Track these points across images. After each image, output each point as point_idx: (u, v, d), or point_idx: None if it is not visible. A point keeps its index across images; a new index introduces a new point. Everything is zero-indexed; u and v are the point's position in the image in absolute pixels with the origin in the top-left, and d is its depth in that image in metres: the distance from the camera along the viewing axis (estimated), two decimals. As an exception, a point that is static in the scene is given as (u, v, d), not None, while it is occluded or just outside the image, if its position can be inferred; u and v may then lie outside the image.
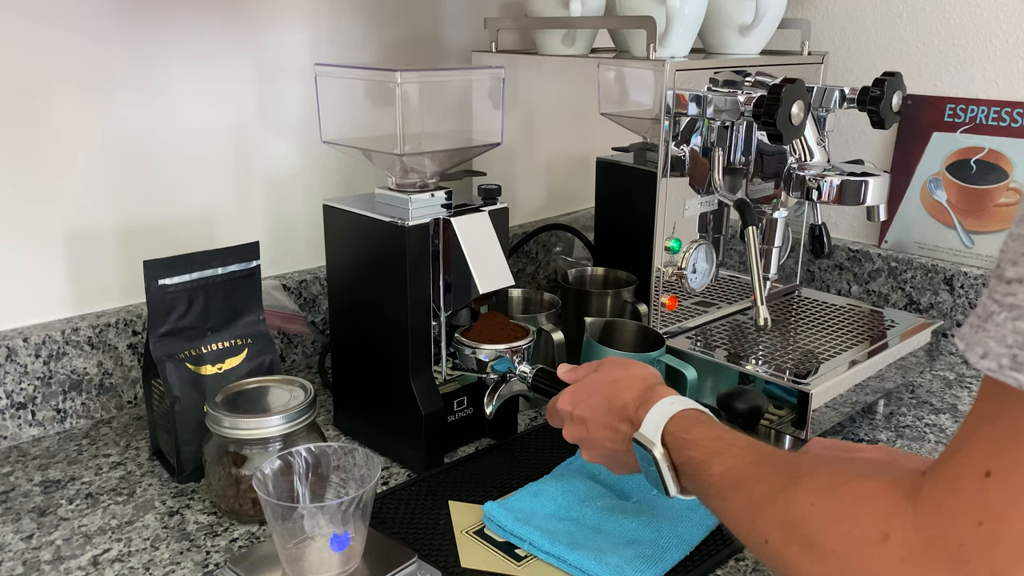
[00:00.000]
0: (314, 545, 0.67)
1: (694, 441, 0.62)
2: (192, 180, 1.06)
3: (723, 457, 0.59)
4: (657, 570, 0.70)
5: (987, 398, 0.42)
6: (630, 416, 0.68)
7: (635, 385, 0.70)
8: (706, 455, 0.60)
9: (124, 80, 0.98)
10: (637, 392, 0.69)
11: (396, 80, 0.82)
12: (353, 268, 0.91)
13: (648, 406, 0.67)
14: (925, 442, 0.96)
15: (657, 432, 0.64)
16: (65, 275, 0.99)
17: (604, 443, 0.71)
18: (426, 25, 1.25)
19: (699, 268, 1.03)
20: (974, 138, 1.26)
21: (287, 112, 1.13)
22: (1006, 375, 0.39)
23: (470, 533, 0.77)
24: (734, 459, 0.58)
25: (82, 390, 0.98)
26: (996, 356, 0.39)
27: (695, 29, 1.07)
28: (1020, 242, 0.40)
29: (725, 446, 0.60)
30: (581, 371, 0.78)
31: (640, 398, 0.68)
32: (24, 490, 0.85)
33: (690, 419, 0.64)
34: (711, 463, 0.59)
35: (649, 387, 0.70)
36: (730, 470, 0.58)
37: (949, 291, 1.27)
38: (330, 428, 0.98)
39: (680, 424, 0.64)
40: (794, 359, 0.97)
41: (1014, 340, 0.39)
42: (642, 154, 1.05)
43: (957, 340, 0.42)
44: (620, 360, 0.77)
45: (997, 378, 0.39)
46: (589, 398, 0.73)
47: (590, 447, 0.73)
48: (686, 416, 0.65)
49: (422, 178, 0.88)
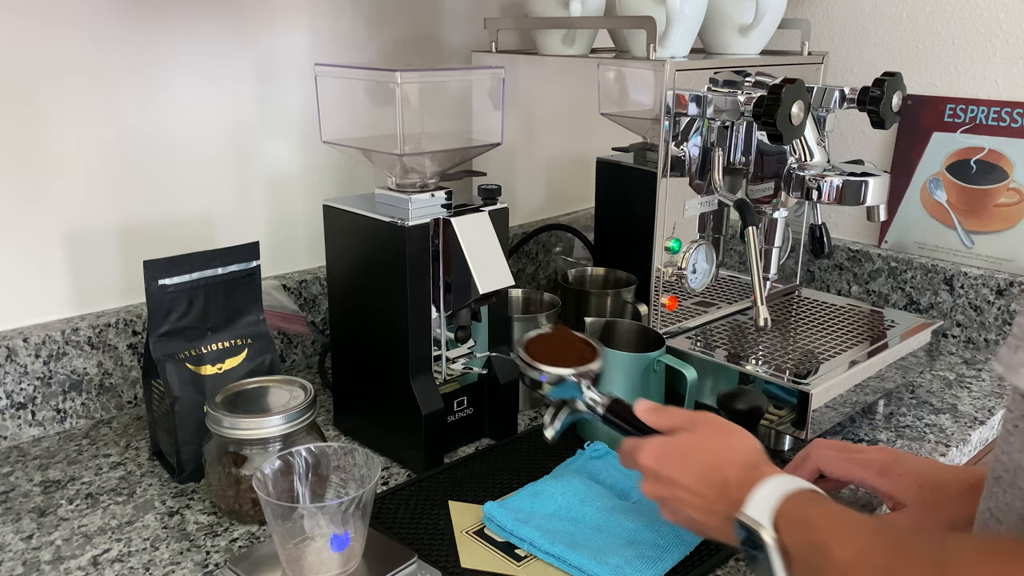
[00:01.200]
0: (314, 545, 0.67)
1: (812, 522, 0.56)
2: (192, 180, 1.06)
3: (848, 541, 0.53)
4: (657, 570, 0.70)
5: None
6: (731, 496, 0.62)
7: (737, 461, 0.64)
8: (827, 537, 0.54)
9: (124, 80, 0.98)
10: (739, 470, 0.63)
11: (396, 80, 0.82)
12: (353, 268, 0.91)
13: (750, 485, 0.61)
14: (925, 442, 0.96)
15: (766, 513, 0.58)
16: (65, 275, 0.99)
17: (691, 513, 0.65)
18: (426, 25, 1.25)
19: (699, 268, 1.03)
20: (974, 138, 1.26)
21: (287, 112, 1.13)
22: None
23: (470, 533, 0.77)
24: (862, 544, 0.52)
25: (82, 390, 0.98)
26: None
27: (695, 29, 1.07)
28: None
29: (849, 528, 0.54)
30: (667, 419, 0.71)
31: (743, 478, 0.62)
32: (24, 490, 0.85)
33: (806, 499, 0.59)
34: (833, 547, 0.53)
35: (752, 465, 0.64)
36: (859, 556, 0.52)
37: (949, 291, 1.27)
38: (330, 428, 0.98)
39: (795, 504, 0.58)
40: (794, 359, 0.97)
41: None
42: (642, 154, 1.05)
43: (996, 363, 0.42)
44: (716, 422, 0.70)
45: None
46: (680, 461, 0.66)
47: (673, 511, 0.67)
48: (801, 496, 0.59)
49: (422, 178, 0.88)
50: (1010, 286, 1.21)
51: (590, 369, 0.76)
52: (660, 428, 0.71)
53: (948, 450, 0.95)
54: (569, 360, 0.76)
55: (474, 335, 0.91)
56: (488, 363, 0.93)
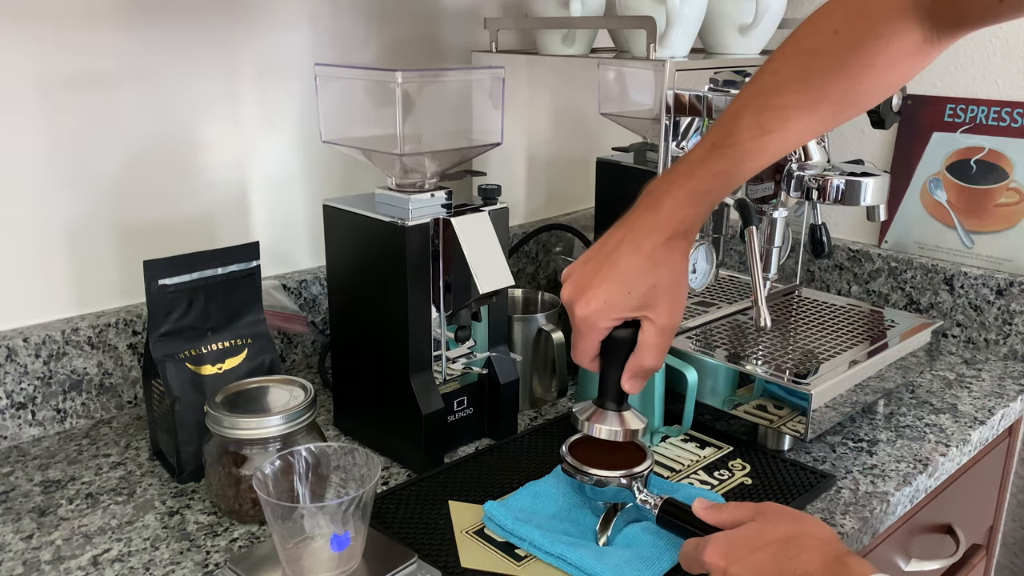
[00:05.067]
0: (314, 545, 0.67)
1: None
2: (192, 180, 1.06)
3: None
4: (655, 570, 0.70)
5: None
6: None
7: (816, 550, 0.59)
8: None
9: (124, 80, 0.98)
10: (821, 561, 0.58)
11: (396, 80, 0.82)
12: (353, 268, 0.91)
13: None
14: (925, 442, 0.96)
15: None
16: (65, 275, 0.99)
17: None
18: (426, 25, 1.25)
19: (699, 268, 1.03)
20: (974, 138, 1.26)
21: (287, 112, 1.13)
22: None
23: (470, 533, 0.77)
24: None
25: (82, 390, 0.98)
26: None
27: (695, 29, 1.07)
28: None
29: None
30: (728, 514, 0.67)
31: (827, 571, 0.58)
32: (24, 490, 0.85)
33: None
34: None
35: (836, 557, 0.59)
36: None
37: (949, 291, 1.27)
38: (330, 428, 0.98)
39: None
40: (794, 359, 0.97)
41: None
42: (642, 154, 1.05)
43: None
44: (786, 511, 0.66)
45: None
46: (751, 555, 0.61)
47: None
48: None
49: (422, 178, 0.88)
50: (1010, 286, 1.21)
51: (640, 471, 0.74)
52: (722, 525, 0.66)
53: (948, 450, 0.95)
54: (617, 462, 0.75)
55: (474, 335, 0.92)
56: (488, 363, 0.94)
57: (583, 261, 0.73)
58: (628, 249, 0.70)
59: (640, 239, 0.70)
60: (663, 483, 0.84)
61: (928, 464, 0.92)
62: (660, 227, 0.70)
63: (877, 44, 0.68)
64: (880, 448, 0.95)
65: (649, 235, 0.70)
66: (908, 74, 0.72)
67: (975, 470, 1.11)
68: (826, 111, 0.71)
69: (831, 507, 0.83)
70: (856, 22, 0.69)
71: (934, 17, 0.68)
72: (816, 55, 0.70)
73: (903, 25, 0.68)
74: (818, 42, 0.70)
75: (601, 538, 0.74)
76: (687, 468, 0.89)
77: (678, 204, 0.70)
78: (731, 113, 0.71)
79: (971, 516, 1.17)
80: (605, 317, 0.71)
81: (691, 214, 0.70)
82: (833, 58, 0.69)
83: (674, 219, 0.70)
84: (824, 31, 0.70)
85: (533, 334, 1.02)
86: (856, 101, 0.72)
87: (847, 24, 0.69)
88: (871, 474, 0.89)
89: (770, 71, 0.71)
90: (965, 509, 1.14)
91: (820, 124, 0.72)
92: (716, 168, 0.70)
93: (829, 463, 0.91)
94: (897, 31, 0.68)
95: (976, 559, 1.23)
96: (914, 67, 0.71)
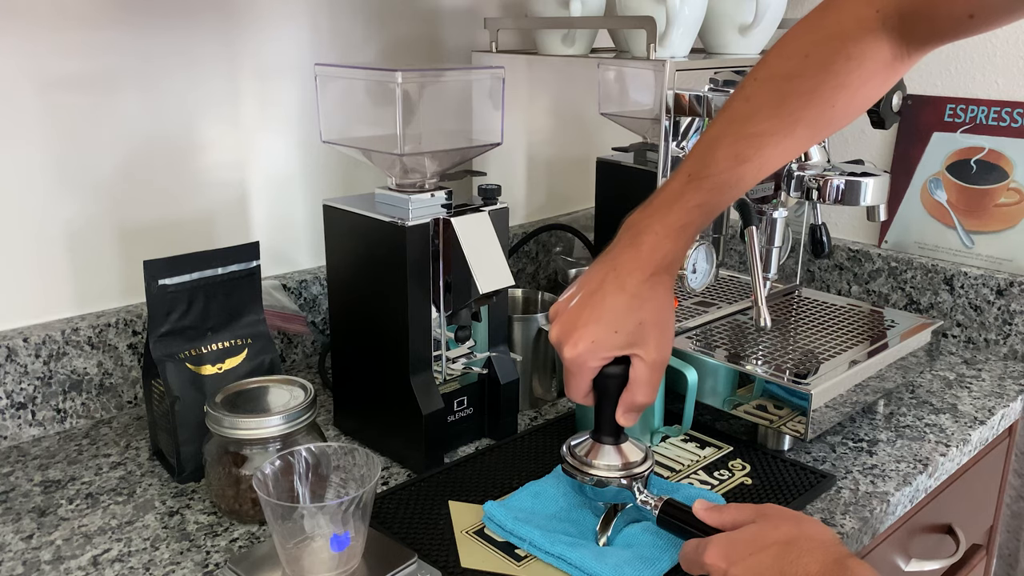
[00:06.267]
0: (314, 545, 0.67)
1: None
2: (192, 180, 1.06)
3: None
4: (655, 570, 0.70)
5: None
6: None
7: (817, 552, 0.59)
8: None
9: (123, 80, 0.98)
10: (822, 563, 0.58)
11: (396, 80, 0.82)
12: (353, 268, 0.91)
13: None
14: (925, 442, 0.96)
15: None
16: (65, 275, 0.99)
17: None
18: (426, 25, 1.25)
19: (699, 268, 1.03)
20: (974, 138, 1.26)
21: (287, 112, 1.13)
22: None
23: (470, 533, 0.77)
24: None
25: (82, 390, 0.98)
26: None
27: (695, 29, 1.07)
28: None
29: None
30: (729, 515, 0.66)
31: (828, 573, 0.57)
32: (24, 490, 0.85)
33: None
34: None
35: (837, 560, 0.58)
36: None
37: (949, 291, 1.27)
38: (330, 428, 0.98)
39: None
40: (794, 359, 0.97)
41: None
42: (642, 154, 1.05)
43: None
44: (786, 511, 0.66)
45: None
46: (752, 557, 0.61)
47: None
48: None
49: (422, 178, 0.88)
50: (1010, 286, 1.21)
51: (640, 471, 0.74)
52: (723, 526, 0.66)
53: (948, 450, 0.95)
54: None
55: (474, 335, 0.92)
56: (488, 363, 0.94)
57: (568, 300, 0.73)
58: (612, 288, 0.70)
59: (623, 277, 0.70)
60: (663, 483, 0.84)
61: (928, 464, 0.92)
62: (642, 265, 0.70)
63: (848, 65, 0.69)
64: (880, 448, 0.95)
65: (632, 273, 0.70)
66: (881, 90, 0.72)
67: (975, 470, 1.11)
68: (801, 134, 0.71)
69: (831, 507, 0.83)
70: (826, 44, 0.69)
71: (903, 34, 0.68)
72: (788, 80, 0.70)
73: (873, 44, 0.68)
74: (789, 66, 0.70)
75: (601, 538, 0.74)
76: (687, 468, 0.89)
77: (659, 240, 0.70)
78: (705, 143, 0.71)
79: (971, 516, 1.17)
80: (594, 357, 0.71)
81: (672, 249, 0.71)
82: (805, 82, 0.70)
83: (655, 256, 0.70)
84: (795, 55, 0.70)
85: (533, 334, 1.02)
86: (831, 122, 0.73)
87: (817, 47, 0.70)
88: (871, 474, 0.89)
89: (742, 98, 0.72)
90: (965, 509, 1.14)
91: (796, 147, 0.73)
92: (694, 201, 0.70)
93: (829, 463, 0.91)
94: (867, 51, 0.69)
95: (976, 559, 1.23)
96: (886, 83, 0.72)
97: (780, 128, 0.70)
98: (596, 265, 0.73)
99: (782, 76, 0.71)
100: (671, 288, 0.72)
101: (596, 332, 0.70)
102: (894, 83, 0.73)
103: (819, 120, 0.71)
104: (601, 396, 0.74)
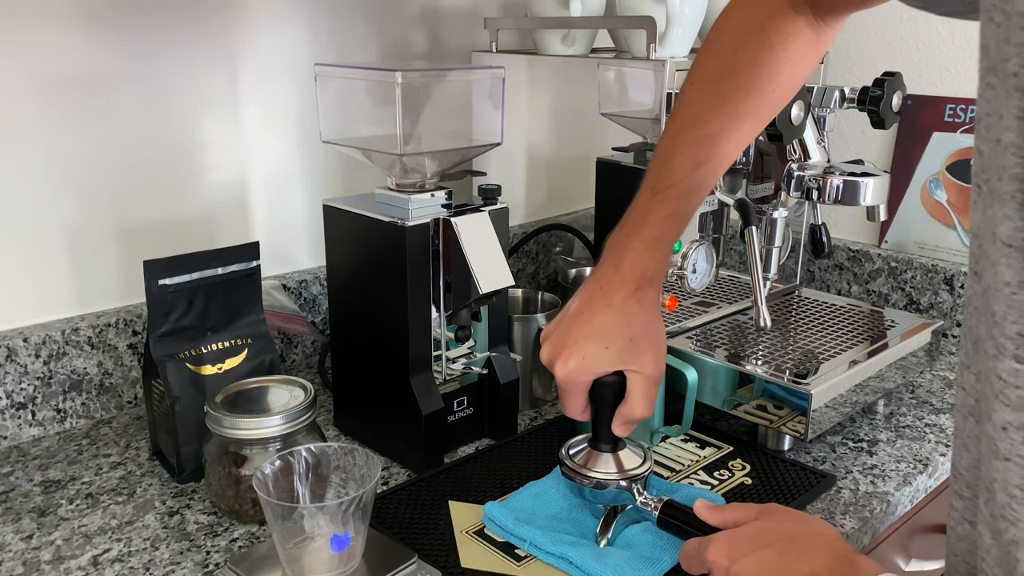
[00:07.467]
0: (314, 545, 0.67)
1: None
2: (192, 180, 1.06)
3: None
4: (656, 570, 0.70)
5: None
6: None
7: (823, 548, 0.58)
8: None
9: (124, 80, 0.98)
10: (828, 559, 0.57)
11: (396, 80, 0.82)
12: (353, 268, 0.91)
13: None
14: (925, 442, 0.96)
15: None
16: (65, 275, 0.99)
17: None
18: (426, 25, 1.25)
19: (699, 268, 1.03)
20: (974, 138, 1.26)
21: (287, 112, 1.13)
22: None
23: (470, 533, 0.77)
24: None
25: (82, 390, 0.98)
26: None
27: (695, 29, 1.07)
28: None
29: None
30: (730, 514, 0.66)
31: (835, 570, 0.56)
32: (24, 490, 0.85)
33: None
34: None
35: (843, 556, 0.57)
36: None
37: (949, 291, 1.27)
38: (330, 428, 0.98)
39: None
40: (794, 359, 0.97)
41: None
42: (642, 154, 1.05)
43: None
44: (790, 511, 0.65)
45: None
46: (755, 553, 0.59)
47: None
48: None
49: (422, 178, 0.88)
50: (1010, 286, 1.21)
51: (640, 473, 0.74)
52: (724, 525, 0.65)
53: (948, 450, 0.95)
54: None
55: (474, 335, 0.92)
56: (488, 363, 0.94)
57: (557, 321, 0.74)
58: (600, 305, 0.71)
59: (609, 295, 0.71)
60: (663, 483, 0.84)
61: (928, 464, 0.92)
62: (626, 282, 0.71)
63: (774, 53, 0.71)
64: (880, 448, 0.95)
65: (617, 290, 0.71)
66: (814, 63, 0.76)
67: (975, 470, 1.11)
68: (748, 125, 0.74)
69: (831, 507, 0.83)
70: (748, 36, 0.72)
71: (815, 10, 0.71)
72: (723, 79, 0.73)
73: (791, 28, 0.71)
74: (721, 65, 0.73)
75: (602, 540, 0.74)
76: (687, 468, 0.89)
77: (638, 256, 0.71)
78: (661, 156, 0.73)
79: (971, 516, 1.17)
80: (586, 373, 0.71)
81: (652, 263, 0.72)
82: (740, 78, 0.72)
83: (636, 271, 0.71)
84: (723, 52, 0.73)
85: (533, 334, 1.02)
86: (774, 105, 0.76)
87: (742, 41, 0.72)
88: (871, 474, 0.89)
89: (684, 104, 0.74)
90: (965, 509, 1.14)
91: (747, 138, 0.75)
92: (664, 212, 0.71)
93: (829, 463, 0.91)
94: (788, 36, 0.71)
95: (976, 559, 1.23)
96: (817, 57, 0.75)
97: (727, 125, 0.72)
98: (584, 287, 0.74)
99: (717, 76, 0.73)
100: (657, 301, 0.73)
101: (586, 349, 0.71)
102: (824, 53, 0.76)
103: (762, 108, 0.74)
104: (597, 405, 0.74)
